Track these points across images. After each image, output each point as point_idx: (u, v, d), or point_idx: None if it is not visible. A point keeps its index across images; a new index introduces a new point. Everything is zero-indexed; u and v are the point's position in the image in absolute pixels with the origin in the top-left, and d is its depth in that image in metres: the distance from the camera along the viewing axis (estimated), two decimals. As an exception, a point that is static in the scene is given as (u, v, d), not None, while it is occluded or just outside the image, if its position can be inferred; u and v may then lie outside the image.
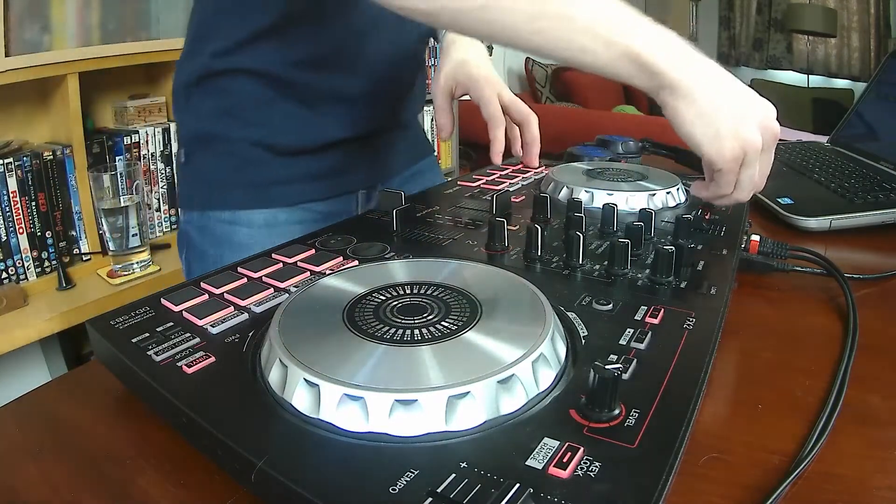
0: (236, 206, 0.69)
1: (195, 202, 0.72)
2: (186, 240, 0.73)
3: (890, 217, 0.66)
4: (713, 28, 5.12)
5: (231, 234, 0.69)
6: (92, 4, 1.35)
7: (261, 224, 0.70)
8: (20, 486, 0.30)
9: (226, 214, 0.70)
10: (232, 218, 0.69)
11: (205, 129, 0.69)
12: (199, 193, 0.72)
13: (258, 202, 0.70)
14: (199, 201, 0.72)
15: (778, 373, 0.39)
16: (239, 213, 0.69)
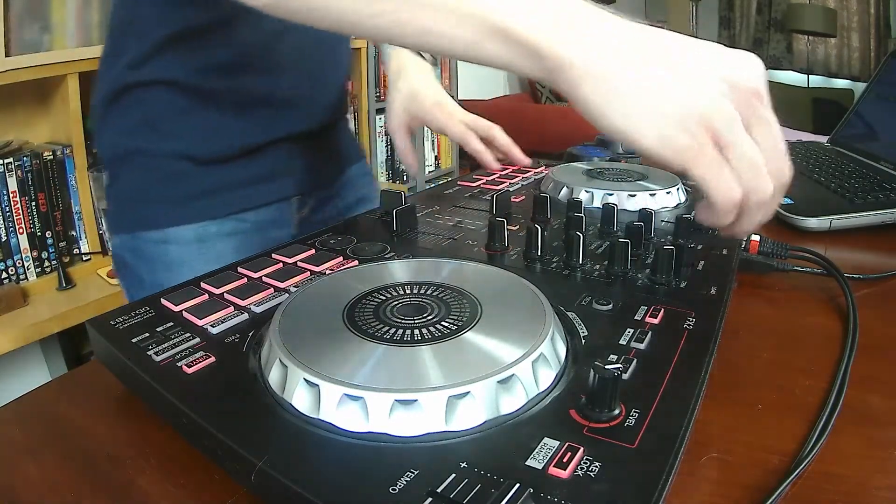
0: (164, 223, 0.66)
1: (124, 224, 0.69)
2: (121, 264, 0.70)
3: (890, 217, 0.66)
4: (713, 28, 5.12)
5: (163, 254, 0.66)
6: (92, 4, 1.35)
7: (191, 240, 0.67)
8: (20, 486, 0.30)
9: (154, 234, 0.66)
10: (161, 237, 0.66)
11: (125, 146, 0.66)
12: (126, 214, 0.69)
13: (186, 217, 0.66)
14: (128, 223, 0.68)
15: (778, 373, 0.39)
16: (168, 231, 0.66)
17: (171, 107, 0.64)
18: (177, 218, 0.66)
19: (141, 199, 0.67)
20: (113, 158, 0.68)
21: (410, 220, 0.55)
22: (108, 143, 0.68)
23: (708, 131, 0.34)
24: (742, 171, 0.35)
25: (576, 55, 0.34)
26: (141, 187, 0.67)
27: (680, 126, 0.33)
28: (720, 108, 0.33)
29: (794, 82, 4.59)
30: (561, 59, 0.34)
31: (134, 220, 0.68)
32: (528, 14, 0.34)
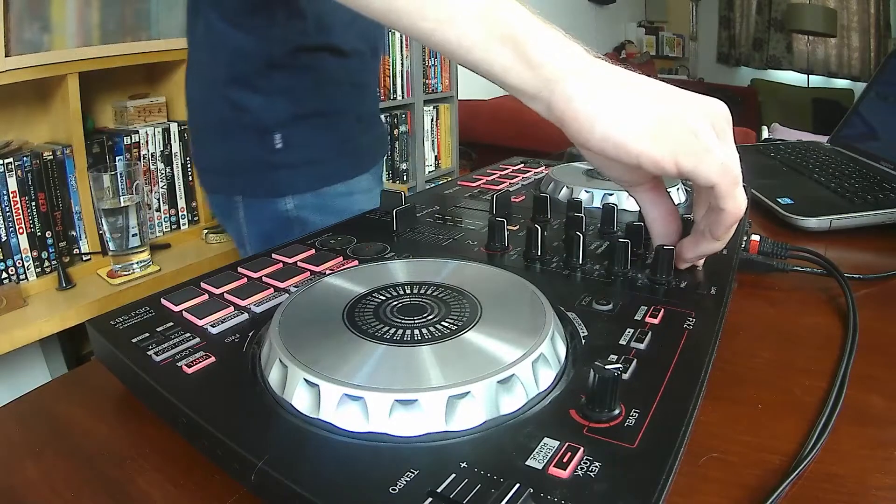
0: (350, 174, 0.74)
1: (308, 183, 0.73)
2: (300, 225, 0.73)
3: (890, 217, 0.66)
4: (713, 28, 5.12)
5: (350, 204, 0.73)
6: (92, 4, 1.35)
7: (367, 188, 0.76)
8: (20, 486, 0.30)
9: (341, 187, 0.74)
10: (348, 189, 0.74)
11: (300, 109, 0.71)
12: (310, 173, 0.73)
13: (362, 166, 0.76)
14: (313, 181, 0.73)
15: (778, 373, 0.39)
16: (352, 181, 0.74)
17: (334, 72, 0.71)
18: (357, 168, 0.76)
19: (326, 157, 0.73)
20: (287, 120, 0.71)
21: (410, 220, 0.55)
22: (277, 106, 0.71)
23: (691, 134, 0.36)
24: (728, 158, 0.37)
25: (576, 69, 0.37)
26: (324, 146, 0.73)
27: (663, 129, 0.36)
28: (695, 116, 0.37)
29: (794, 82, 4.59)
30: (562, 72, 0.37)
31: (321, 176, 0.73)
32: (538, 31, 0.37)
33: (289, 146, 0.71)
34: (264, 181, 0.73)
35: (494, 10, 0.37)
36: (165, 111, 1.60)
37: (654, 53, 4.81)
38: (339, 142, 0.74)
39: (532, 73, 0.37)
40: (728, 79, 4.95)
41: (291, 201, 0.73)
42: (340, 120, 0.74)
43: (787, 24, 4.37)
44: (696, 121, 0.37)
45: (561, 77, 0.37)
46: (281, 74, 0.70)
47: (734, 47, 5.03)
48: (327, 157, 0.74)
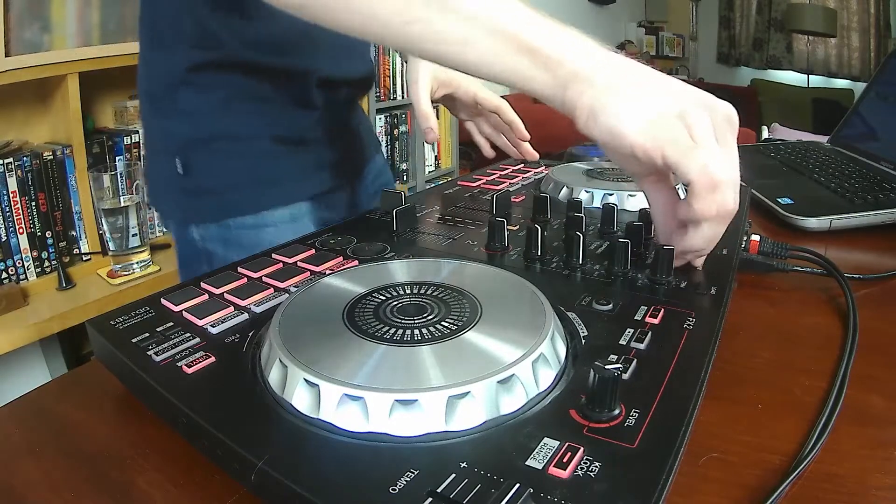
0: (261, 206, 0.66)
1: (210, 214, 0.66)
2: (205, 255, 0.67)
3: (890, 217, 0.66)
4: (713, 28, 5.12)
5: (258, 238, 0.65)
6: (92, 4, 1.35)
7: (287, 220, 0.67)
8: (20, 486, 0.30)
9: (249, 219, 0.66)
10: (256, 221, 0.66)
11: (204, 130, 0.64)
12: (212, 203, 0.66)
13: (282, 197, 0.67)
14: (216, 212, 0.66)
15: (778, 373, 0.39)
16: (264, 214, 0.66)
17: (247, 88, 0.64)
18: (273, 200, 0.66)
19: (231, 185, 0.66)
20: (188, 144, 0.65)
21: (410, 220, 0.55)
22: (179, 129, 0.65)
23: (685, 128, 0.38)
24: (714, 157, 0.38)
25: (588, 68, 0.39)
26: (229, 173, 0.65)
27: (661, 122, 0.38)
28: (695, 112, 0.38)
29: (794, 82, 4.59)
30: (576, 71, 0.39)
31: (225, 207, 0.66)
32: (553, 35, 0.40)
33: (188, 172, 0.66)
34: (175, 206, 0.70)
35: (507, 24, 0.39)
36: (165, 111, 1.60)
37: (654, 53, 4.81)
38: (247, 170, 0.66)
39: (548, 76, 0.39)
40: (728, 79, 4.95)
41: (196, 231, 0.67)
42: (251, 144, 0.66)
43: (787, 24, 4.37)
44: (694, 117, 0.38)
45: (573, 77, 0.39)
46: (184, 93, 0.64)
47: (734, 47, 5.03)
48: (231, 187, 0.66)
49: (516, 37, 0.39)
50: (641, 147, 0.38)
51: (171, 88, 0.64)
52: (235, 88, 0.64)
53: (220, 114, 0.65)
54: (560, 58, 0.39)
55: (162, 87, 0.65)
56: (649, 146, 0.38)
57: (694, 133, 0.38)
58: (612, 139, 0.39)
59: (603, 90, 0.39)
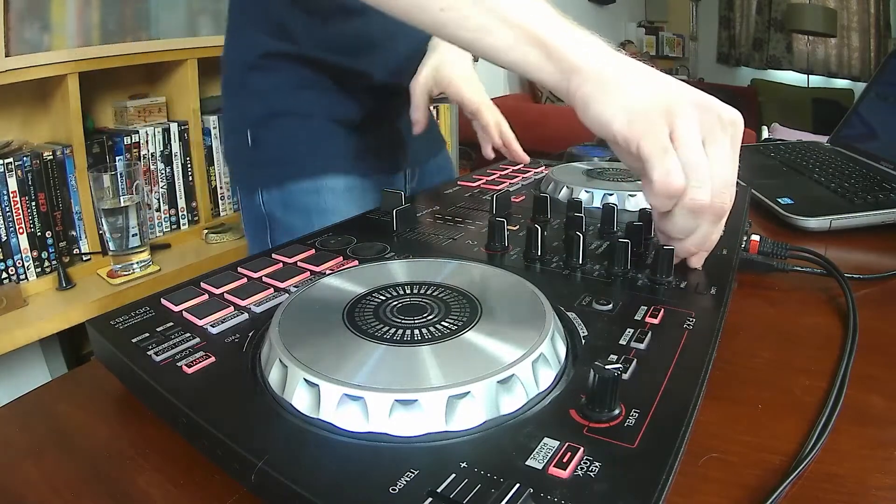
0: (319, 172, 0.74)
1: (274, 179, 0.75)
2: (268, 220, 0.76)
3: (890, 217, 0.66)
4: (713, 28, 5.12)
5: (317, 202, 0.74)
6: (92, 4, 1.35)
7: (342, 188, 0.75)
8: (20, 486, 0.30)
9: (308, 184, 0.74)
10: (315, 186, 0.74)
11: (275, 107, 0.74)
12: (276, 169, 0.75)
13: (339, 167, 0.75)
14: (279, 176, 0.75)
15: (778, 373, 0.39)
16: (322, 179, 0.75)
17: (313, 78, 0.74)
18: (331, 168, 0.75)
19: (293, 154, 0.75)
20: (258, 119, 0.75)
21: (410, 220, 0.55)
22: (250, 104, 0.75)
23: (666, 123, 0.40)
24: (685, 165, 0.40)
25: (588, 60, 0.42)
26: (293, 143, 0.75)
27: (644, 115, 0.40)
28: (684, 111, 0.40)
29: (794, 82, 4.59)
30: (577, 63, 0.42)
31: (288, 172, 0.75)
32: (557, 28, 0.43)
33: (256, 145, 0.76)
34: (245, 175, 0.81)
35: (522, 17, 0.43)
36: (165, 111, 1.60)
37: (654, 53, 4.81)
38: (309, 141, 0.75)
39: (554, 67, 0.43)
40: (728, 79, 4.95)
41: (261, 196, 0.77)
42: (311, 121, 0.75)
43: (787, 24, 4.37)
44: (682, 115, 0.40)
45: (576, 69, 0.42)
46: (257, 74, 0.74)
47: (734, 47, 5.03)
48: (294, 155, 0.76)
49: (529, 30, 0.43)
50: (621, 135, 0.40)
51: (244, 71, 0.75)
52: (300, 76, 0.74)
53: (285, 95, 0.74)
54: (566, 52, 0.42)
55: (238, 70, 0.76)
56: (627, 135, 0.40)
57: (676, 131, 0.40)
58: (600, 128, 0.42)
59: (599, 83, 0.41)
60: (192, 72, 1.54)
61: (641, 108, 0.40)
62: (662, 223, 0.44)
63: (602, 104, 0.41)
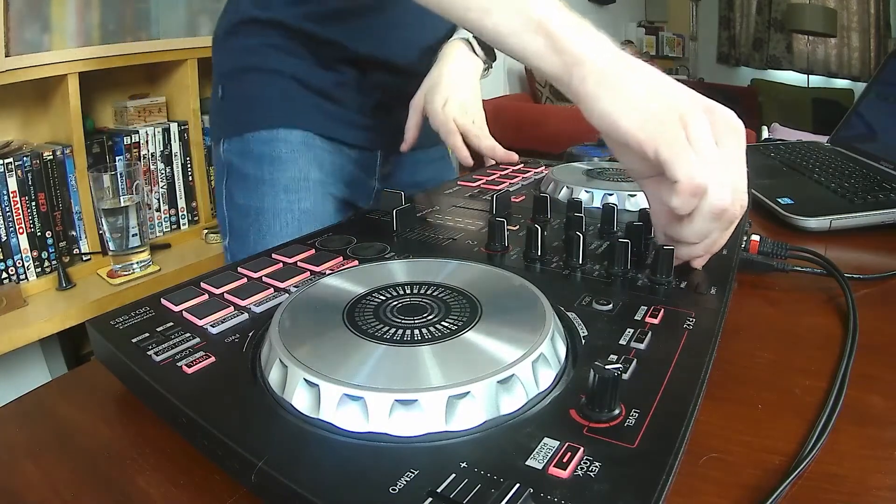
0: (276, 123, 0.75)
1: (234, 128, 0.78)
2: (226, 168, 0.79)
3: (890, 217, 0.66)
4: (713, 28, 5.12)
5: (271, 151, 0.75)
6: (92, 4, 1.35)
7: (299, 141, 0.76)
8: (20, 486, 0.30)
9: (265, 133, 0.75)
10: (271, 136, 0.75)
11: (241, 63, 0.77)
12: (238, 119, 0.78)
13: (297, 121, 0.76)
14: (239, 126, 0.77)
15: (778, 373, 0.39)
16: (279, 130, 0.75)
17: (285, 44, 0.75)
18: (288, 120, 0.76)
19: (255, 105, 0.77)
20: (229, 73, 0.79)
21: (410, 220, 0.55)
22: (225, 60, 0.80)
23: (681, 125, 0.39)
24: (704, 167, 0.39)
25: (593, 55, 0.41)
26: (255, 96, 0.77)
27: (658, 117, 0.39)
28: (695, 114, 0.39)
29: (794, 82, 4.59)
30: (581, 57, 0.41)
31: (247, 121, 0.77)
32: (563, 19, 0.42)
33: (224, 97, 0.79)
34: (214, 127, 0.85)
35: (530, 4, 0.43)
36: (165, 111, 1.60)
37: (654, 53, 4.81)
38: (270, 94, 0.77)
39: (558, 59, 0.42)
40: (728, 79, 4.95)
41: (223, 144, 0.79)
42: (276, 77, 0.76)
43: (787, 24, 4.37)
44: (694, 118, 0.39)
45: (580, 62, 0.41)
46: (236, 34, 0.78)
47: (734, 47, 5.03)
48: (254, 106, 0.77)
49: (535, 17, 0.42)
50: (635, 138, 0.39)
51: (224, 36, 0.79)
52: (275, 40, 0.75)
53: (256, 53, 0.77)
54: (571, 43, 0.41)
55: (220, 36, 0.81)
56: (643, 139, 0.39)
57: (691, 134, 0.39)
58: (608, 127, 0.41)
59: (606, 80, 0.40)
60: (192, 72, 1.54)
61: (655, 109, 0.39)
62: (676, 228, 0.42)
63: (610, 101, 0.40)
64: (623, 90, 0.40)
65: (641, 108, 0.40)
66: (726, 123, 0.40)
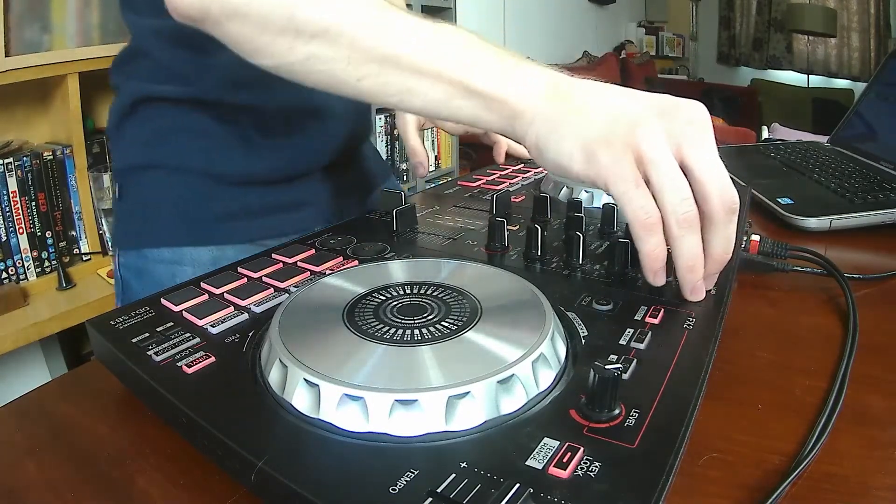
0: (179, 242, 0.61)
1: (130, 240, 0.64)
2: (122, 286, 0.64)
3: (890, 217, 0.66)
4: (713, 28, 5.12)
5: (173, 274, 0.61)
6: (92, 4, 1.35)
7: (207, 262, 0.61)
8: (20, 486, 0.30)
9: (167, 253, 0.61)
10: (174, 257, 0.61)
11: (139, 158, 0.62)
12: (134, 230, 0.64)
13: (204, 238, 0.62)
14: (136, 239, 0.63)
15: (778, 373, 0.39)
16: (182, 250, 0.61)
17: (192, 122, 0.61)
18: (193, 238, 0.62)
19: (153, 215, 0.62)
20: (125, 170, 0.64)
21: (410, 220, 0.55)
22: (121, 154, 0.65)
23: (630, 148, 0.36)
24: (662, 189, 0.36)
25: (526, 102, 0.39)
26: (155, 203, 0.62)
27: (604, 145, 0.37)
28: (647, 124, 0.37)
29: (794, 82, 4.59)
30: (516, 107, 0.40)
31: (142, 236, 0.63)
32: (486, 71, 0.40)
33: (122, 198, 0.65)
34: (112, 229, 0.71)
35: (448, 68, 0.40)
36: (165, 111, 1.60)
37: (654, 53, 4.81)
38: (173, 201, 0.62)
39: (494, 116, 0.41)
40: (728, 79, 4.95)
41: (119, 257, 0.65)
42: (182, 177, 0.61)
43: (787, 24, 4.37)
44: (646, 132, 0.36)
45: (517, 115, 0.40)
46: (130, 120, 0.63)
47: (734, 47, 5.03)
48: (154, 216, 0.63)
49: (457, 81, 0.40)
50: (587, 177, 0.38)
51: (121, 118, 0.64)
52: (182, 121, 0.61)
53: (157, 144, 0.62)
54: (503, 98, 0.40)
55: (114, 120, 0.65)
56: (594, 177, 0.38)
57: (642, 153, 0.36)
58: (561, 173, 0.40)
59: (544, 125, 0.39)
60: (192, 72, 1.54)
61: (598, 136, 0.37)
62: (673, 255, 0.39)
63: (556, 144, 0.39)
64: (564, 129, 0.38)
65: (586, 142, 0.37)
66: (685, 121, 0.37)
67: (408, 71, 0.41)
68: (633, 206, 0.36)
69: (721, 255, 0.39)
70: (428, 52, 0.41)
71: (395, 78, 0.41)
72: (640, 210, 0.36)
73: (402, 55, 0.41)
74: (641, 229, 0.37)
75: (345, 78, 0.42)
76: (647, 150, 0.36)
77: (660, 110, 0.38)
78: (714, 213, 0.37)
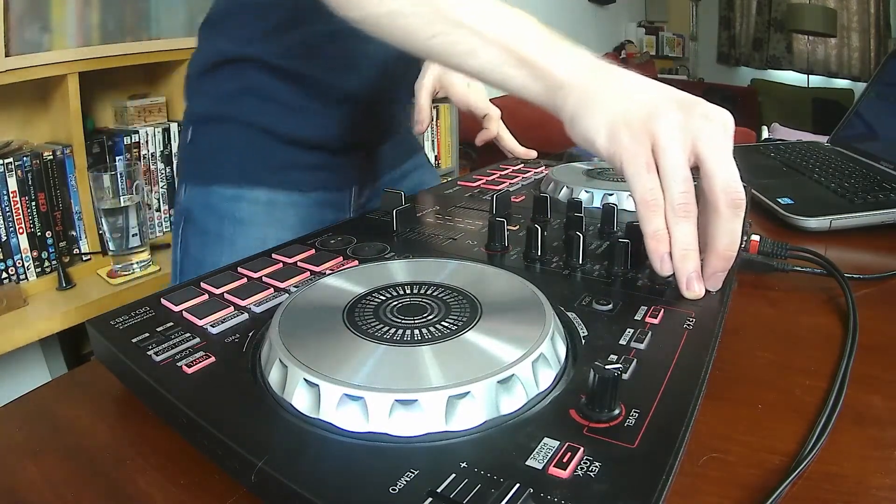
0: (241, 181, 0.73)
1: (200, 177, 0.75)
2: (186, 214, 0.76)
3: (890, 217, 0.66)
4: (713, 28, 5.12)
5: (233, 209, 0.73)
6: (92, 4, 1.35)
7: (263, 202, 0.73)
8: (20, 486, 0.30)
9: (230, 190, 0.73)
10: (236, 194, 0.73)
11: (215, 111, 0.73)
12: (204, 168, 0.75)
13: (262, 181, 0.73)
14: (205, 176, 0.75)
15: (778, 373, 0.39)
16: (243, 189, 0.73)
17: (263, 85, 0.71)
18: (253, 179, 0.73)
19: (223, 157, 0.74)
20: (201, 118, 0.75)
21: (410, 220, 0.55)
22: (197, 104, 0.76)
23: (648, 134, 0.40)
24: (665, 175, 0.40)
25: (571, 75, 0.43)
26: (225, 148, 0.74)
27: (625, 125, 0.41)
28: (666, 112, 0.40)
29: (794, 82, 4.59)
30: (561, 80, 0.43)
31: (213, 174, 0.74)
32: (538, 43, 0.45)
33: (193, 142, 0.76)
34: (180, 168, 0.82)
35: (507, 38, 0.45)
36: (165, 111, 1.60)
37: (654, 53, 4.80)
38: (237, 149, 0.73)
39: (541, 85, 0.44)
40: (728, 79, 4.95)
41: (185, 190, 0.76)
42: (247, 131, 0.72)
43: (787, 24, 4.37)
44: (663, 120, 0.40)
45: (561, 85, 0.44)
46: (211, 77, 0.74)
47: (734, 47, 5.03)
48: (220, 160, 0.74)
49: (513, 50, 0.44)
50: (606, 151, 0.42)
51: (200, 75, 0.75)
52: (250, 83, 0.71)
53: (231, 101, 0.72)
54: (549, 69, 0.44)
55: (194, 73, 0.76)
56: (612, 152, 0.41)
57: (657, 139, 0.40)
58: (585, 144, 0.43)
59: (585, 98, 0.42)
60: (192, 72, 1.54)
61: (622, 120, 0.41)
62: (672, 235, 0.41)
63: (587, 119, 0.42)
64: (598, 104, 0.42)
65: (612, 119, 0.41)
66: (703, 116, 0.40)
67: (474, 35, 0.45)
68: (641, 186, 0.40)
69: (724, 250, 0.40)
70: (492, 23, 0.45)
71: (462, 38, 0.46)
72: (647, 192, 0.40)
73: (472, 21, 0.46)
74: (646, 209, 0.40)
75: (420, 34, 0.47)
76: (661, 138, 0.40)
77: (680, 104, 0.41)
78: (718, 204, 0.39)
